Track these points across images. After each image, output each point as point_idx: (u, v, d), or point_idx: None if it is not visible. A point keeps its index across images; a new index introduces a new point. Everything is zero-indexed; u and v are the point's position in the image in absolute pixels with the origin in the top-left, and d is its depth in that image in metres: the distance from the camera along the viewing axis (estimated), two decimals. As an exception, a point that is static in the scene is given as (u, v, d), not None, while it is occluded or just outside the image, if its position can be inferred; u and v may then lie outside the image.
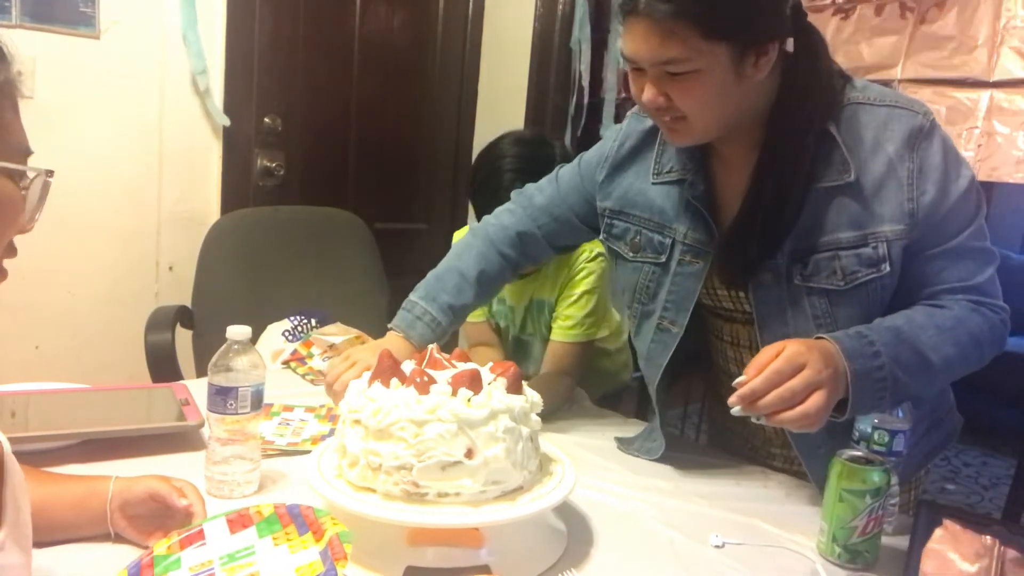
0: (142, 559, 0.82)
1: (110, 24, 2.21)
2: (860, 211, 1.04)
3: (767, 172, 1.06)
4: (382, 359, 0.97)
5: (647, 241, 1.21)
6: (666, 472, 1.26)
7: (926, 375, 1.02)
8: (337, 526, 0.78)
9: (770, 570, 0.98)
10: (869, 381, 0.97)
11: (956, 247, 1.05)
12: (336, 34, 2.70)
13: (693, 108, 1.02)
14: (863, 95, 1.07)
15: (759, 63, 1.00)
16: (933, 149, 1.04)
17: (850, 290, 1.06)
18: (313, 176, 2.69)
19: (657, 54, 0.98)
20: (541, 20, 2.72)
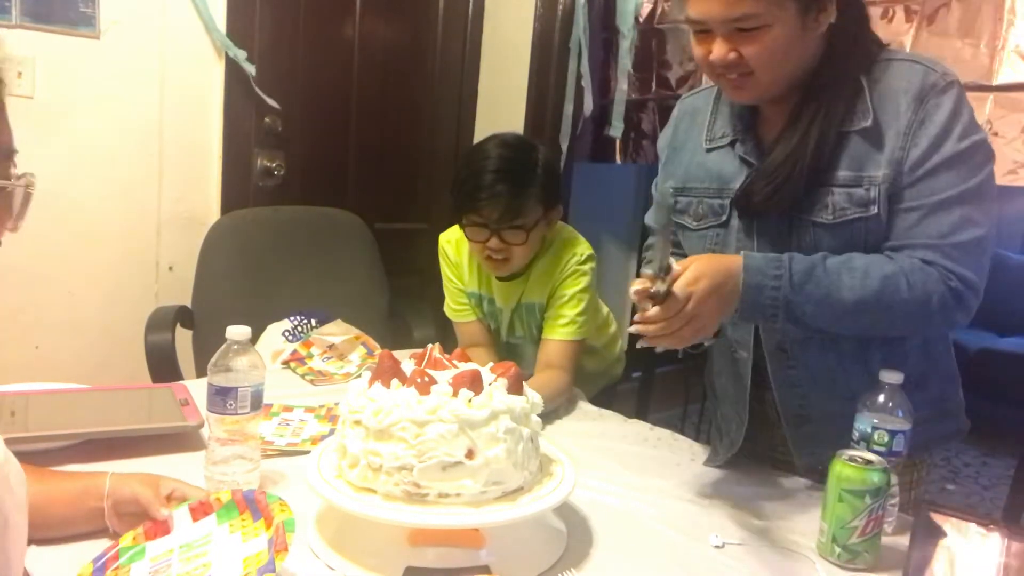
0: (107, 551, 0.84)
1: (110, 24, 2.20)
2: (862, 153, 1.08)
3: (814, 112, 1.10)
4: (382, 359, 0.97)
5: (708, 208, 1.25)
6: (666, 472, 1.26)
7: (834, 311, 1.05)
8: (284, 512, 0.80)
9: (770, 570, 0.98)
10: (761, 296, 1.03)
11: (933, 204, 1.05)
12: (336, 34, 2.70)
13: (762, 62, 1.06)
14: (892, 55, 1.12)
15: (819, 17, 1.06)
16: (942, 106, 1.05)
17: (836, 225, 1.09)
18: (313, 176, 2.69)
19: (731, 11, 1.03)
20: (541, 20, 2.71)
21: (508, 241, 1.53)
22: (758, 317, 1.07)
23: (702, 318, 0.99)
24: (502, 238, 1.53)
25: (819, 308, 1.04)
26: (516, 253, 1.56)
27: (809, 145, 1.09)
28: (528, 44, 2.75)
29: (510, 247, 1.54)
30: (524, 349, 1.75)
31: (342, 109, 2.74)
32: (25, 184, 0.63)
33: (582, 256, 1.62)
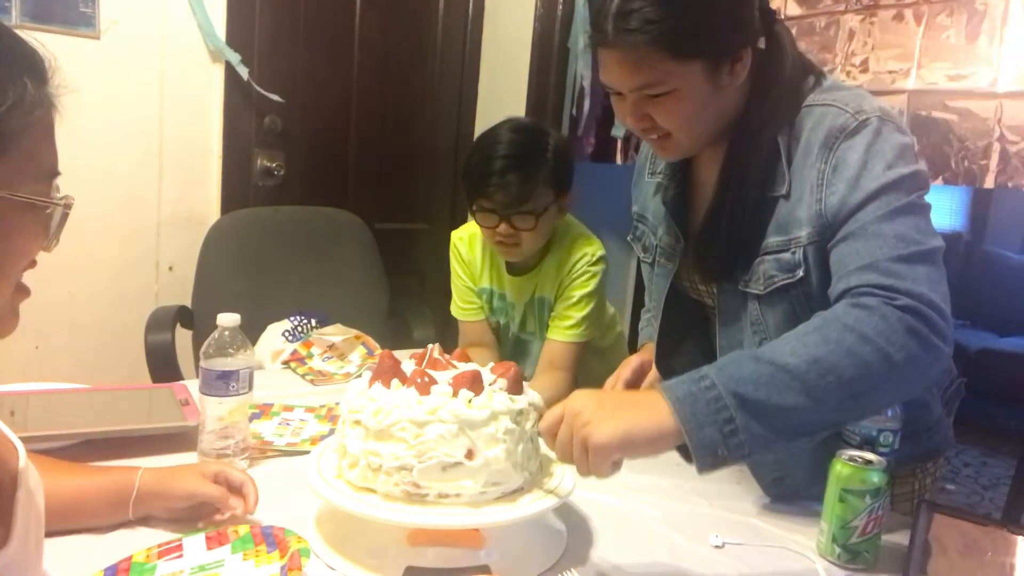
0: (119, 564, 0.85)
1: (110, 24, 2.20)
2: (786, 216, 1.02)
3: (730, 177, 1.06)
4: (382, 359, 0.97)
5: (649, 244, 1.26)
6: (666, 472, 1.25)
7: (793, 384, 0.83)
8: (301, 544, 0.84)
9: (770, 570, 0.98)
10: (699, 403, 0.83)
11: (858, 231, 0.93)
12: (336, 34, 2.69)
13: (675, 125, 1.02)
14: (817, 97, 1.03)
15: (734, 70, 1.00)
16: (853, 147, 0.96)
17: (769, 295, 1.04)
18: (313, 176, 2.69)
19: (632, 81, 0.99)
20: (541, 20, 2.71)
21: (517, 227, 1.52)
22: (713, 435, 0.82)
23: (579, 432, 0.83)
24: (512, 223, 1.52)
25: (773, 389, 0.83)
26: (526, 238, 1.54)
27: (727, 208, 1.05)
28: (528, 44, 2.75)
29: (519, 232, 1.53)
30: (532, 345, 1.74)
31: (342, 109, 2.74)
32: (64, 205, 0.65)
33: (594, 257, 1.61)
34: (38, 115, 0.61)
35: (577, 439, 0.84)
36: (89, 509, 0.94)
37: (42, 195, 0.62)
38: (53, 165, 0.64)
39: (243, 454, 1.13)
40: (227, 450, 1.11)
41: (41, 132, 0.62)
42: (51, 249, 0.66)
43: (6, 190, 0.57)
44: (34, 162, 0.61)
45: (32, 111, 0.60)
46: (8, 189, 0.57)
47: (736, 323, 1.10)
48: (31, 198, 0.60)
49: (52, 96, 0.63)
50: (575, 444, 0.84)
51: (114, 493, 0.95)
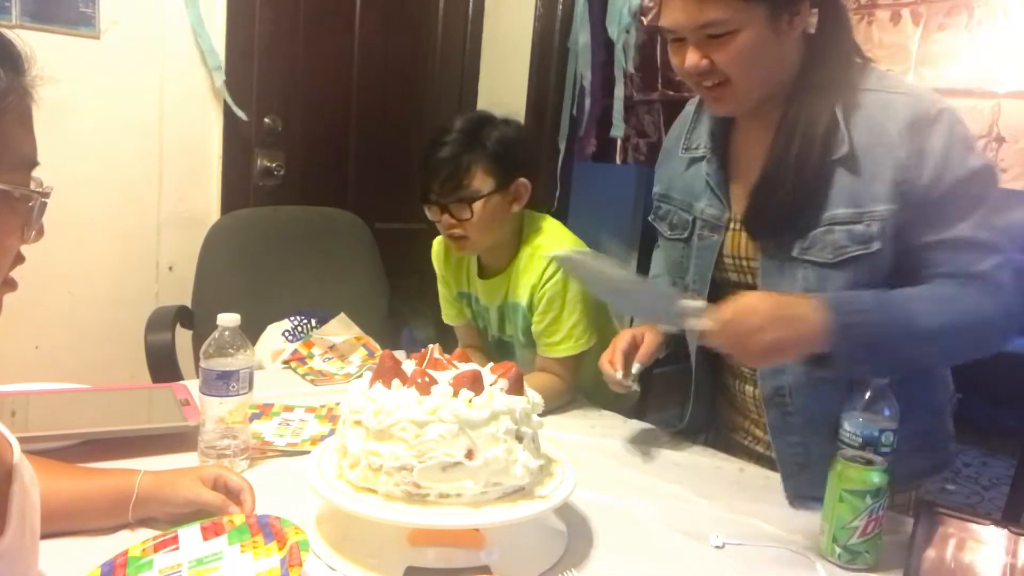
0: (116, 559, 0.85)
1: (110, 24, 2.21)
2: (859, 189, 1.06)
3: (791, 137, 1.09)
4: (383, 360, 0.97)
5: (680, 220, 1.28)
6: (666, 472, 1.26)
7: (916, 339, 1.02)
8: (299, 535, 0.83)
9: (770, 570, 0.98)
10: (851, 334, 0.98)
11: (954, 239, 1.04)
12: (336, 34, 2.69)
13: (735, 68, 1.06)
14: (878, 84, 1.09)
15: (793, 22, 1.05)
16: (935, 135, 1.03)
17: (838, 263, 1.07)
18: (313, 176, 2.69)
19: (697, 18, 1.03)
20: (541, 20, 2.72)
21: (455, 216, 1.49)
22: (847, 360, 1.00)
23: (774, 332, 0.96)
24: (450, 212, 1.50)
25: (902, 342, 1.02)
26: (470, 229, 1.49)
27: (791, 166, 1.08)
28: (528, 44, 2.75)
29: (462, 223, 1.49)
30: (513, 347, 1.69)
31: (342, 109, 2.74)
32: (41, 194, 0.64)
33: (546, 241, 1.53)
34: (11, 102, 0.60)
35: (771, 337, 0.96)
36: (88, 512, 0.94)
37: (19, 185, 0.61)
38: (31, 155, 0.63)
39: (243, 454, 1.13)
40: (227, 450, 1.11)
41: (15, 120, 0.61)
42: (31, 241, 0.65)
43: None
44: (8, 150, 0.60)
45: (5, 98, 0.59)
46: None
47: (778, 288, 1.12)
48: (6, 187, 0.60)
49: (28, 86, 0.62)
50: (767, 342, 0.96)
51: (113, 496, 0.95)
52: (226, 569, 0.82)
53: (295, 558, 0.79)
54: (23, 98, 0.61)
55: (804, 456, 1.16)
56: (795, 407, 1.15)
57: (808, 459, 1.16)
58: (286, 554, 0.80)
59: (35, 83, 0.62)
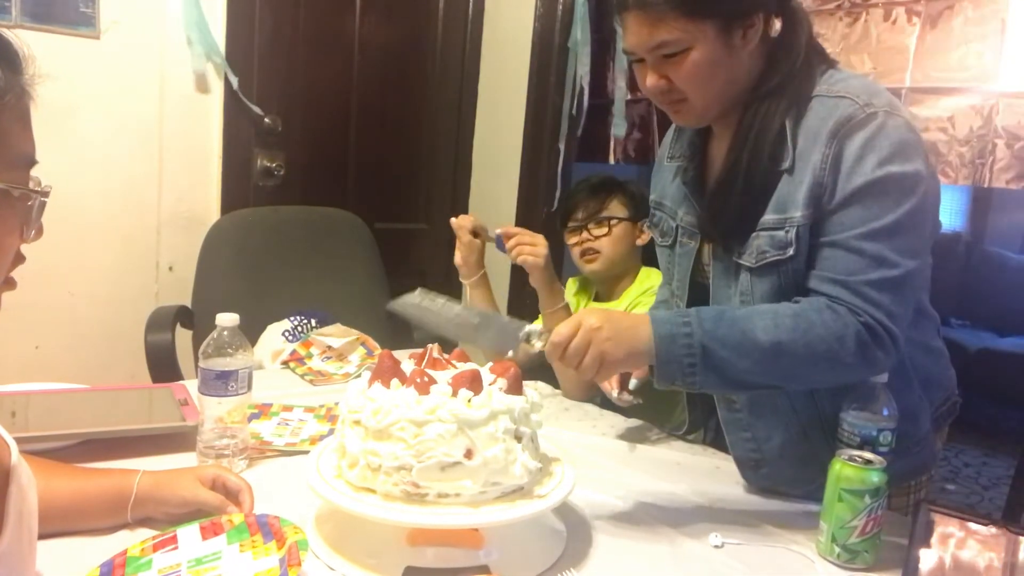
0: (115, 559, 0.84)
1: (110, 24, 2.21)
2: (785, 196, 1.07)
3: (743, 145, 1.10)
4: (382, 359, 0.97)
5: (668, 228, 1.30)
6: (666, 472, 1.26)
7: (753, 354, 1.00)
8: (297, 534, 0.83)
9: (770, 570, 0.98)
10: (675, 345, 0.99)
11: (843, 241, 1.02)
12: (336, 34, 2.69)
13: (691, 85, 1.07)
14: (828, 88, 1.08)
15: (747, 35, 1.06)
16: (855, 139, 1.02)
17: (759, 268, 1.09)
18: (313, 176, 2.69)
19: (650, 40, 1.05)
20: (541, 20, 2.72)
21: (594, 233, 1.78)
22: (675, 371, 1.00)
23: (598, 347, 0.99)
24: (589, 231, 1.78)
25: (736, 353, 1.00)
26: (603, 245, 1.78)
27: (740, 174, 1.09)
28: (528, 44, 2.75)
29: (597, 239, 1.78)
30: None
31: (342, 109, 2.74)
32: (41, 193, 0.64)
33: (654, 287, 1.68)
34: (8, 101, 0.60)
35: (595, 351, 0.99)
36: (87, 512, 0.94)
37: (19, 183, 0.61)
38: (29, 153, 0.63)
39: (242, 454, 1.13)
40: (226, 450, 1.11)
41: (13, 118, 0.61)
42: (31, 240, 0.65)
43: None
44: (7, 149, 0.60)
45: (3, 97, 0.59)
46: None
47: (726, 291, 1.15)
48: (5, 186, 0.60)
49: (26, 84, 0.62)
50: (591, 355, 0.99)
51: (112, 496, 0.95)
52: (225, 569, 0.81)
53: (294, 558, 0.79)
54: (21, 97, 0.61)
55: (757, 453, 1.18)
56: (740, 403, 1.17)
57: (762, 456, 1.18)
58: (285, 554, 0.80)
59: (33, 82, 0.62)
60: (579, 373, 1.01)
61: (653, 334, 1.00)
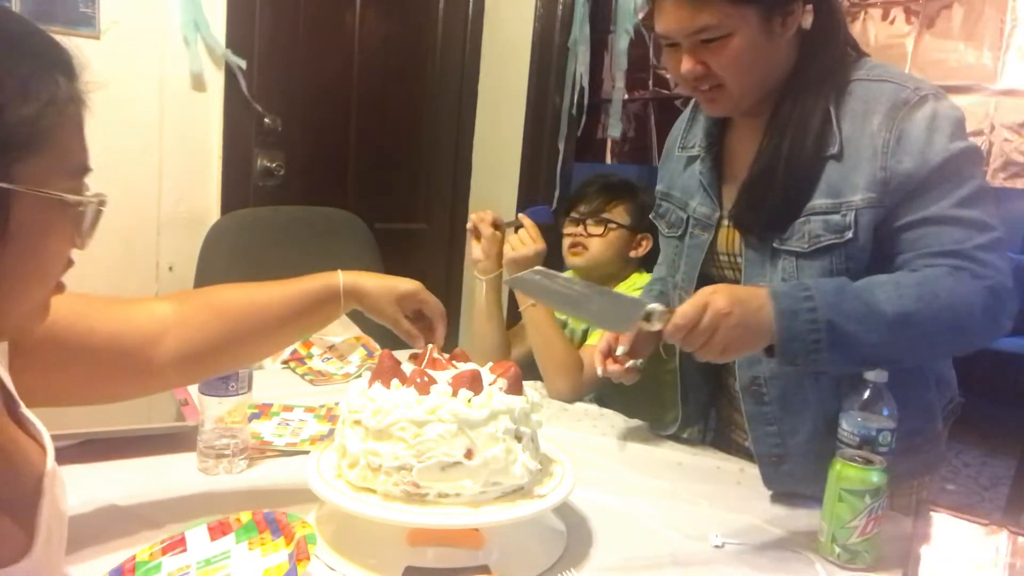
0: (124, 565, 0.85)
1: (110, 24, 2.21)
2: (838, 180, 1.07)
3: (782, 134, 1.10)
4: (382, 359, 0.97)
5: (676, 219, 1.29)
6: (666, 472, 1.26)
7: (880, 327, 0.97)
8: (305, 529, 0.82)
9: (770, 570, 0.98)
10: (797, 321, 0.95)
11: (937, 215, 1.02)
12: (336, 34, 2.69)
13: (729, 72, 1.07)
14: (866, 73, 1.10)
15: (786, 22, 1.06)
16: (915, 120, 1.03)
17: (812, 253, 1.08)
18: (313, 176, 2.69)
19: (690, 25, 1.05)
20: (541, 20, 2.72)
21: (589, 231, 1.76)
22: (798, 349, 0.96)
23: (724, 334, 0.93)
24: (585, 227, 1.76)
25: (863, 327, 0.96)
26: (593, 244, 1.76)
27: (781, 162, 1.09)
28: (528, 44, 2.76)
29: (590, 237, 1.76)
30: None
31: (342, 109, 2.75)
32: (98, 202, 0.64)
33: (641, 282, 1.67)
34: (70, 112, 0.60)
35: (720, 338, 0.94)
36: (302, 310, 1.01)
37: (73, 192, 0.62)
38: (84, 161, 0.63)
39: (242, 454, 1.13)
40: (226, 450, 1.11)
41: (73, 128, 0.61)
42: (84, 247, 0.66)
43: (39, 187, 0.57)
44: (66, 159, 0.61)
45: (65, 108, 0.60)
46: (41, 186, 0.57)
47: (761, 280, 1.13)
48: (64, 195, 0.60)
49: (82, 92, 0.62)
50: (716, 342, 0.94)
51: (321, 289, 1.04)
52: (235, 567, 0.82)
53: (302, 552, 0.78)
54: (79, 106, 0.62)
55: (781, 448, 1.17)
56: (770, 396, 1.16)
57: (785, 452, 1.17)
58: (293, 548, 0.80)
59: (88, 88, 0.63)
60: (698, 354, 0.97)
61: (774, 309, 0.95)
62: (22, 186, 0.55)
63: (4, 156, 0.54)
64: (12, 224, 0.55)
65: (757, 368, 1.15)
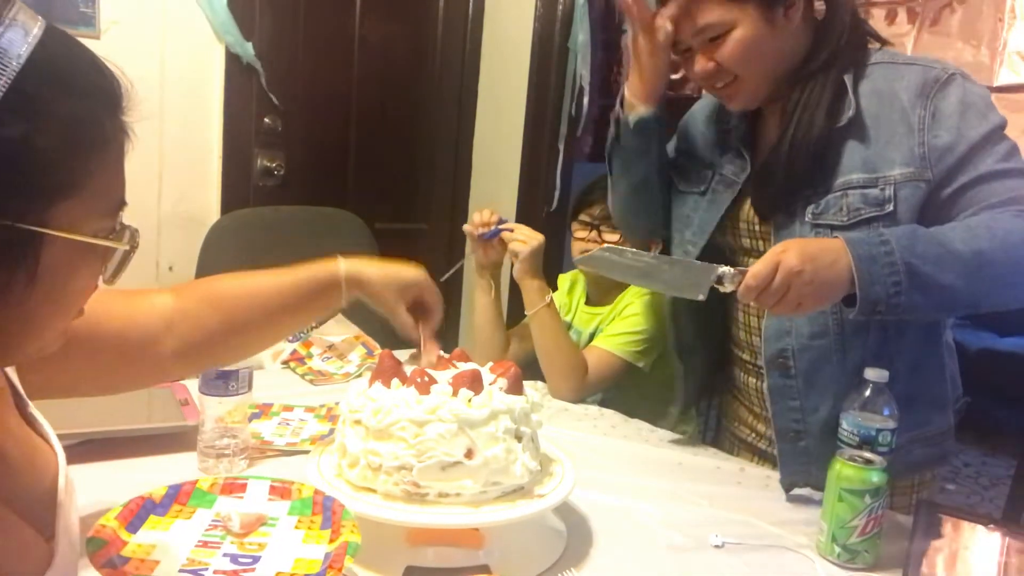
0: (184, 485, 0.87)
1: (110, 24, 2.21)
2: (873, 155, 1.09)
3: (795, 110, 1.13)
4: (382, 359, 0.97)
5: (698, 176, 1.30)
6: (666, 472, 1.26)
7: (956, 266, 0.98)
8: (353, 535, 0.81)
9: (770, 570, 0.98)
10: (876, 266, 0.97)
11: (987, 172, 1.05)
12: (336, 34, 2.70)
13: (738, 63, 1.11)
14: (890, 58, 1.14)
15: (788, 13, 1.10)
16: (949, 97, 1.07)
17: (851, 226, 1.09)
18: (313, 176, 2.69)
19: (693, 25, 1.10)
20: (541, 21, 2.72)
21: (605, 238, 1.69)
22: (880, 293, 0.97)
23: (797, 291, 0.96)
24: (600, 233, 1.69)
25: (939, 268, 0.98)
26: None
27: (789, 135, 1.12)
28: (528, 44, 2.75)
29: (603, 244, 1.67)
30: None
31: (342, 109, 2.75)
32: (130, 242, 0.62)
33: None
34: (112, 151, 0.58)
35: (794, 295, 0.96)
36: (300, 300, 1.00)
37: (108, 229, 0.59)
38: (121, 197, 0.61)
39: (242, 454, 1.13)
40: (226, 450, 1.11)
41: (114, 167, 0.59)
42: (112, 283, 0.64)
43: (73, 231, 0.55)
44: (103, 199, 0.59)
45: (108, 149, 0.58)
46: (76, 229, 0.55)
47: None
48: (97, 241, 0.58)
49: (126, 125, 0.60)
50: (789, 300, 0.96)
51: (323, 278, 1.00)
52: (274, 538, 0.82)
53: (339, 560, 0.77)
54: (122, 140, 0.59)
55: (800, 423, 1.18)
56: (797, 369, 1.16)
57: (805, 428, 1.18)
58: (333, 552, 0.79)
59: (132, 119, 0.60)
60: (773, 311, 1.00)
61: (852, 255, 0.97)
62: (55, 231, 0.53)
63: (40, 200, 0.52)
64: (40, 268, 0.53)
65: (786, 340, 1.16)
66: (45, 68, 0.51)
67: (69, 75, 0.55)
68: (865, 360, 1.09)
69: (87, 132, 0.55)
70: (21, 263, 0.52)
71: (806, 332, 1.14)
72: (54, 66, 0.53)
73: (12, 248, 0.51)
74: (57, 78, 0.53)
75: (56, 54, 0.53)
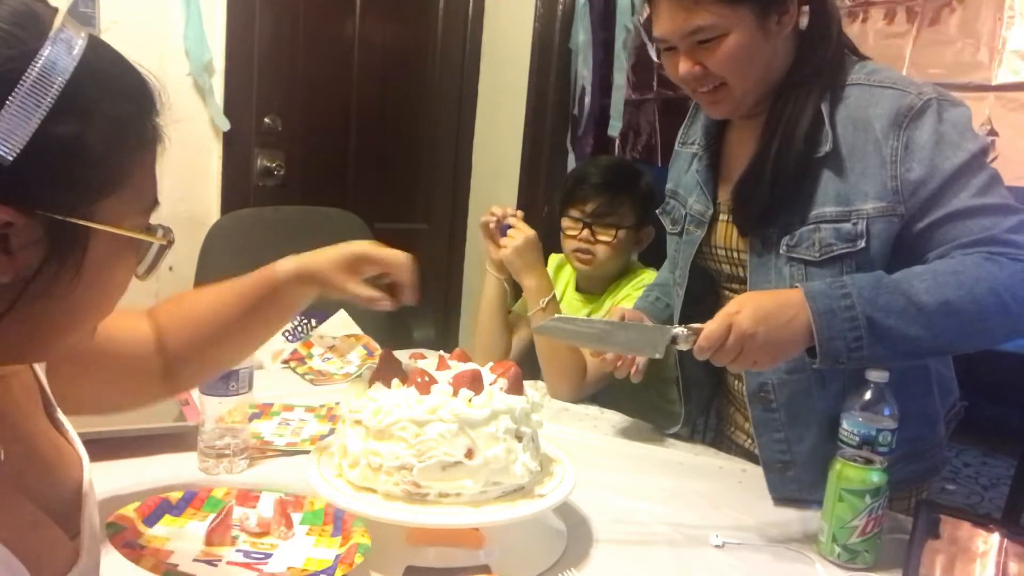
0: (200, 490, 0.91)
1: (110, 24, 2.21)
2: (846, 188, 1.06)
3: (775, 131, 1.10)
4: (382, 359, 0.97)
5: (678, 216, 1.30)
6: (666, 472, 1.26)
7: (920, 319, 0.96)
8: (363, 537, 0.84)
9: (770, 570, 0.98)
10: (836, 320, 0.95)
11: (961, 208, 1.01)
12: (336, 34, 2.70)
13: (729, 71, 1.07)
14: (866, 77, 1.09)
15: (782, 20, 1.06)
16: (922, 127, 1.02)
17: (823, 261, 1.07)
18: (313, 176, 2.69)
19: (685, 26, 1.05)
20: (541, 21, 2.72)
21: (599, 237, 1.64)
22: (840, 348, 0.95)
23: (751, 352, 0.94)
24: (593, 232, 1.64)
25: (902, 320, 0.95)
26: (600, 251, 1.65)
27: (770, 159, 1.09)
28: (528, 44, 2.76)
29: (597, 243, 1.65)
30: None
31: (342, 109, 2.75)
32: (167, 241, 0.64)
33: (642, 282, 1.64)
34: (152, 151, 0.62)
35: (747, 359, 0.95)
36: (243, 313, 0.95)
37: (143, 226, 0.62)
38: (155, 195, 0.64)
39: (243, 454, 1.13)
40: (227, 450, 1.11)
41: (151, 167, 0.62)
42: (146, 279, 0.66)
43: (117, 225, 0.58)
44: (142, 196, 0.61)
45: (149, 148, 0.61)
46: (118, 224, 0.58)
47: (767, 285, 1.13)
48: (141, 236, 0.61)
49: (161, 128, 0.63)
50: (743, 358, 0.95)
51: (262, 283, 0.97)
52: (286, 542, 0.86)
53: (349, 557, 0.80)
54: (157, 143, 0.63)
55: (787, 454, 1.16)
56: (778, 403, 1.15)
57: (792, 458, 1.16)
58: (344, 551, 0.82)
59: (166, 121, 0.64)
60: (730, 368, 1.01)
61: (812, 311, 0.95)
62: (102, 224, 0.56)
63: (90, 195, 0.55)
64: (86, 260, 0.56)
65: (765, 375, 1.15)
66: (95, 71, 0.54)
67: (115, 78, 0.58)
68: (847, 388, 1.08)
69: (132, 131, 0.58)
70: (69, 255, 0.55)
71: (783, 367, 1.12)
72: (101, 70, 0.56)
73: (62, 240, 0.54)
74: (105, 81, 0.56)
75: (103, 57, 0.57)
